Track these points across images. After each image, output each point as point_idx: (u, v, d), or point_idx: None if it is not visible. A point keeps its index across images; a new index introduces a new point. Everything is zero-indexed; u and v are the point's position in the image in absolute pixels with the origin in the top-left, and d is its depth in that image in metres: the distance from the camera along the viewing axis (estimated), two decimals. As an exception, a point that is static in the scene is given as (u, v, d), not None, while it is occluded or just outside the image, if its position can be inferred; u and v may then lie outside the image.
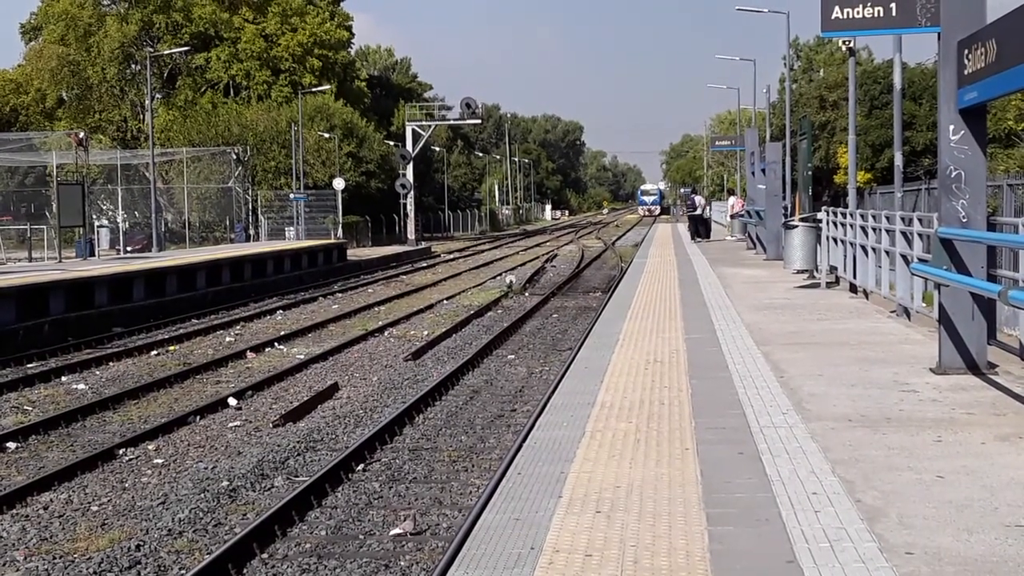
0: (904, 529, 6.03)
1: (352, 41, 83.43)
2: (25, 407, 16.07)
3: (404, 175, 67.08)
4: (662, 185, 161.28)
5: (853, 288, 19.49)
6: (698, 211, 44.77)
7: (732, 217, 46.22)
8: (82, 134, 47.52)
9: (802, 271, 22.41)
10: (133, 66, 72.77)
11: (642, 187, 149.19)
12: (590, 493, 6.88)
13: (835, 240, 21.24)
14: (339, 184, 59.56)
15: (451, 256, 55.91)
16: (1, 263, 41.79)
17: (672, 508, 6.50)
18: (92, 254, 40.95)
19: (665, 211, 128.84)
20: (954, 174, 10.62)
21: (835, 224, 21.34)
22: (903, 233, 15.68)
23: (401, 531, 9.56)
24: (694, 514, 6.37)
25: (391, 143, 76.35)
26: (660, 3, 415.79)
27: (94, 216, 53.17)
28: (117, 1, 72.88)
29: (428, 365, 19.14)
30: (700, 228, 43.86)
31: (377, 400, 15.97)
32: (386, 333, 23.69)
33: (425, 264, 50.06)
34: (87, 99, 72.36)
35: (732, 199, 48.16)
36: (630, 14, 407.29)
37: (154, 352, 21.60)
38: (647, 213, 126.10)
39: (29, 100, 73.01)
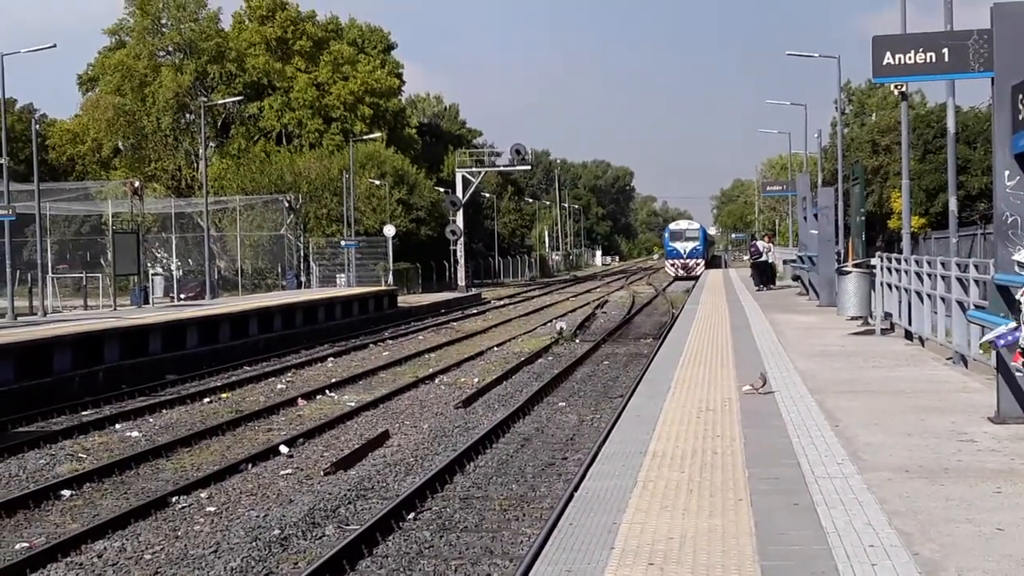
0: (965, 584, 5.91)
1: (402, 89, 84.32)
2: (80, 455, 16.21)
3: (454, 221, 67.41)
4: (713, 230, 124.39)
5: (908, 335, 19.26)
6: (763, 257, 41.63)
7: (753, 264, 43.49)
8: (137, 183, 48.17)
9: (856, 318, 22.18)
10: (187, 115, 73.87)
11: (671, 226, 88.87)
12: (643, 544, 6.81)
13: (889, 286, 21.01)
14: (390, 231, 59.87)
15: (501, 303, 55.92)
16: (57, 311, 42.31)
17: (726, 560, 6.41)
18: (146, 302, 41.41)
19: (713, 264, 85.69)
20: (1010, 220, 10.50)
21: (889, 270, 21.13)
22: (959, 279, 15.48)
23: None
24: (748, 567, 6.28)
25: (441, 190, 76.72)
26: (709, 48, 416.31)
27: (148, 264, 53.80)
28: (172, 52, 74.12)
29: (479, 412, 19.10)
30: (764, 276, 41.03)
31: (428, 448, 15.95)
32: (436, 380, 23.70)
33: (475, 311, 50.10)
34: (142, 148, 73.44)
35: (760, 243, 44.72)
36: (679, 60, 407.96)
37: (207, 399, 21.74)
38: (682, 272, 78.65)
39: (85, 150, 74.25)
